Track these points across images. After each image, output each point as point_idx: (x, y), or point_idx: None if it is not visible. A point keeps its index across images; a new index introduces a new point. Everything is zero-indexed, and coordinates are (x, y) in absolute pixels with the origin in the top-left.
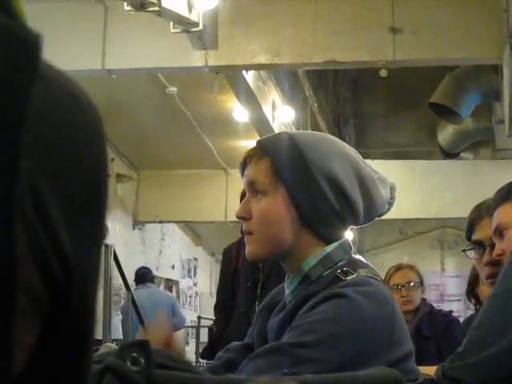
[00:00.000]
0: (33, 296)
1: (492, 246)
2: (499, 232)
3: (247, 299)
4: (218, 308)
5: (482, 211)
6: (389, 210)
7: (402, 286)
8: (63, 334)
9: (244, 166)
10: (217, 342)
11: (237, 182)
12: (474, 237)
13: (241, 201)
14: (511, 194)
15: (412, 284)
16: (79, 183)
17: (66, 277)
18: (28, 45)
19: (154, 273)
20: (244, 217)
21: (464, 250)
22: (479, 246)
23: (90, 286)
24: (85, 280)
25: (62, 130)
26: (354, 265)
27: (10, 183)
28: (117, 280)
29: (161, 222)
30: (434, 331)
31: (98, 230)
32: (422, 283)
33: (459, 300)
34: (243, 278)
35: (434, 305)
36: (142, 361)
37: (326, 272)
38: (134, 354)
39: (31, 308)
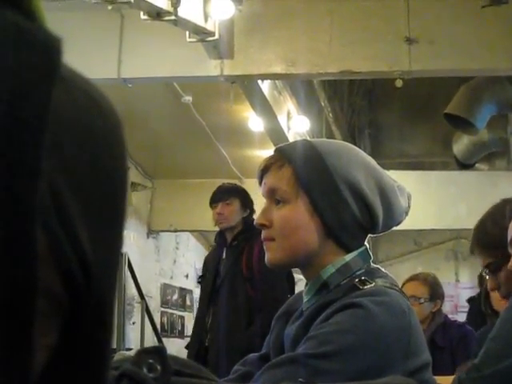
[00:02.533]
0: (53, 299)
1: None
2: None
3: (203, 305)
4: (197, 313)
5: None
6: (404, 218)
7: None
8: (81, 338)
9: (263, 173)
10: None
11: (251, 192)
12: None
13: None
14: None
15: (413, 299)
16: (98, 186)
17: (85, 280)
18: (48, 48)
19: (168, 282)
20: (264, 224)
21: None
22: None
23: (109, 290)
24: (104, 284)
25: (81, 133)
26: (373, 274)
27: (31, 186)
28: (130, 289)
29: (175, 231)
30: (448, 342)
31: (117, 235)
32: (435, 296)
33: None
34: (204, 284)
35: (449, 316)
36: (159, 368)
37: (345, 281)
38: (151, 361)
39: (51, 311)
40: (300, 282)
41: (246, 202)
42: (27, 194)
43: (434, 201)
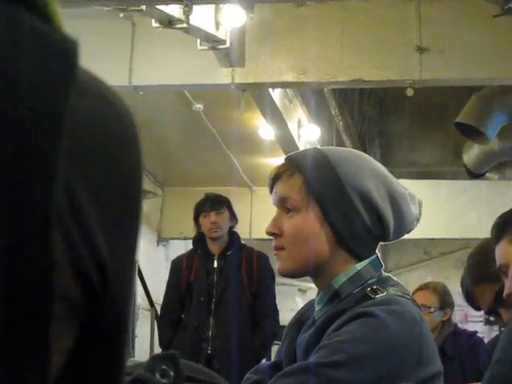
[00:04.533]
0: (69, 302)
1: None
2: (504, 272)
3: (200, 314)
4: (164, 320)
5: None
6: (416, 226)
7: None
8: (98, 340)
9: (273, 182)
10: None
11: (262, 200)
12: (483, 305)
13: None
14: (505, 229)
15: (423, 308)
16: (114, 190)
17: (102, 282)
18: (65, 51)
19: None
20: (275, 233)
21: (486, 323)
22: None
23: (125, 292)
24: (120, 286)
25: (97, 136)
26: (384, 283)
27: (47, 191)
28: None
29: (185, 238)
30: (458, 351)
31: (133, 238)
32: (445, 306)
33: (483, 321)
34: (196, 293)
35: (458, 325)
36: (172, 373)
37: (356, 290)
38: (164, 367)
39: (67, 314)
40: (310, 290)
41: (233, 212)
42: (43, 199)
43: (444, 210)
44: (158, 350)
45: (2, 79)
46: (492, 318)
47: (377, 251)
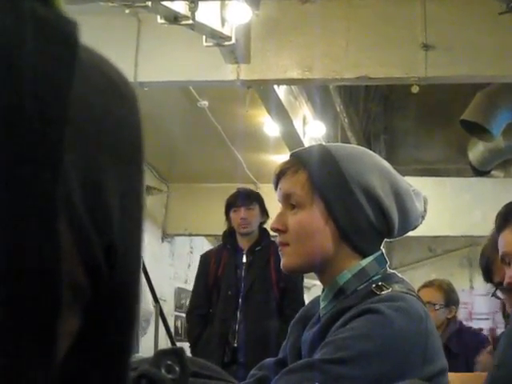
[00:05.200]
0: (76, 288)
1: None
2: (507, 261)
3: (228, 307)
4: (192, 315)
5: (494, 250)
6: (421, 222)
7: None
8: (104, 323)
9: (278, 178)
10: (193, 349)
11: (267, 197)
12: (497, 278)
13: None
14: (509, 219)
15: (428, 306)
16: (118, 170)
17: (110, 265)
18: (67, 35)
19: (183, 286)
20: (279, 229)
21: (493, 295)
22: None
23: (133, 273)
24: (128, 266)
25: (100, 116)
26: (389, 279)
27: (54, 180)
28: (146, 304)
29: (190, 235)
30: (463, 348)
31: (140, 220)
32: (450, 303)
33: (487, 319)
34: (224, 287)
35: (463, 323)
36: (177, 369)
37: (361, 286)
38: (169, 362)
39: (73, 299)
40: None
41: (264, 208)
42: (49, 186)
43: (448, 207)
44: (162, 346)
45: (5, 67)
46: (500, 295)
47: (382, 248)
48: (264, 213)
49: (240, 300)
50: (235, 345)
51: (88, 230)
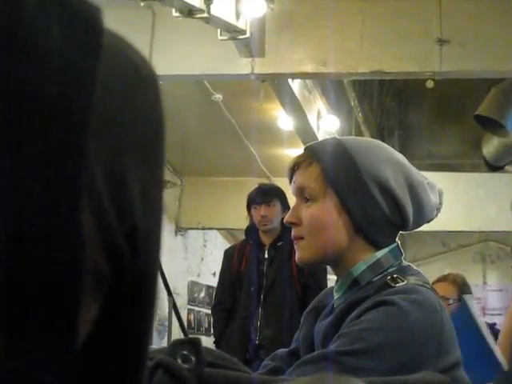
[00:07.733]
0: (97, 275)
1: None
2: None
3: (250, 303)
4: (216, 310)
5: None
6: (436, 215)
7: None
8: (123, 310)
9: (292, 172)
10: (217, 345)
11: None
12: None
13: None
14: None
15: (442, 300)
16: (140, 156)
17: (131, 252)
18: (91, 21)
19: (196, 279)
20: (293, 222)
21: None
22: None
23: (153, 260)
24: (149, 253)
25: (125, 103)
26: (404, 272)
27: (78, 167)
28: (162, 310)
29: (203, 228)
30: None
31: (160, 206)
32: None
33: (501, 314)
34: (246, 282)
35: None
36: (193, 359)
37: (376, 278)
38: (185, 352)
39: (95, 288)
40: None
41: (286, 202)
42: (73, 174)
43: (462, 202)
44: (175, 336)
45: (31, 53)
46: None
47: (397, 240)
48: (286, 208)
49: (262, 296)
50: (257, 341)
51: (111, 217)
